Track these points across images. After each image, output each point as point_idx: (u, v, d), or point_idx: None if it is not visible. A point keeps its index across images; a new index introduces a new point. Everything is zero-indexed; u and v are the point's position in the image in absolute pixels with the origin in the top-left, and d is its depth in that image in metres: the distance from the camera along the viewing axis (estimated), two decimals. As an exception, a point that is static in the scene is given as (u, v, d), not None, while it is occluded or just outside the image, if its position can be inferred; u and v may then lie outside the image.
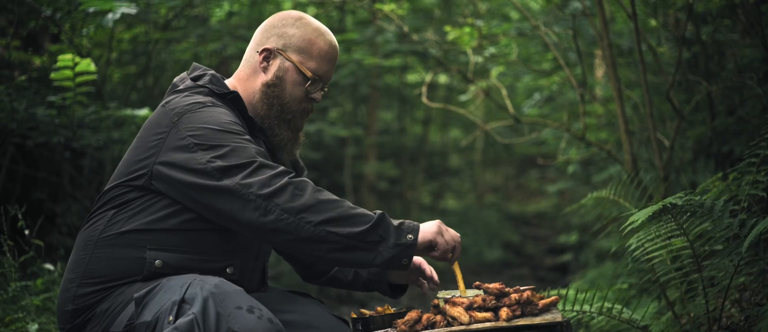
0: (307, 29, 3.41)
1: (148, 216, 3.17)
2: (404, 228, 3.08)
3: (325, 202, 3.02)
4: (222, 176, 3.03)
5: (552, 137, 10.84)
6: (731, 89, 5.77)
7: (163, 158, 3.14)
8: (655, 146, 5.50)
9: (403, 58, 12.59)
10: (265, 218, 2.99)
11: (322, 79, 3.43)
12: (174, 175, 3.11)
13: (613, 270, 7.56)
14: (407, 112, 16.86)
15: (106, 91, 7.51)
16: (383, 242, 3.04)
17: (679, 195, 3.63)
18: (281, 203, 2.98)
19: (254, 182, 3.00)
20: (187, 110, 3.20)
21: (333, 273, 3.70)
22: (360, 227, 3.02)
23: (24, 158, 6.69)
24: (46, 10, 6.36)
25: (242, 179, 3.01)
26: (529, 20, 7.44)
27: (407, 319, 3.08)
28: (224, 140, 3.09)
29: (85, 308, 3.17)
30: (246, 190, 3.00)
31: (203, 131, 3.12)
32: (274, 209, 2.98)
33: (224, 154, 3.06)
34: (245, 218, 3.02)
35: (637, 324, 4.24)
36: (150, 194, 3.18)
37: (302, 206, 2.99)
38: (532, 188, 21.18)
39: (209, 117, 3.17)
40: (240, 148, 3.08)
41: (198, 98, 3.27)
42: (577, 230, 12.04)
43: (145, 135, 3.24)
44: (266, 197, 2.99)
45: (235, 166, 3.04)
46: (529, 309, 3.05)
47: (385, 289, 3.66)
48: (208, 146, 3.09)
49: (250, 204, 3.00)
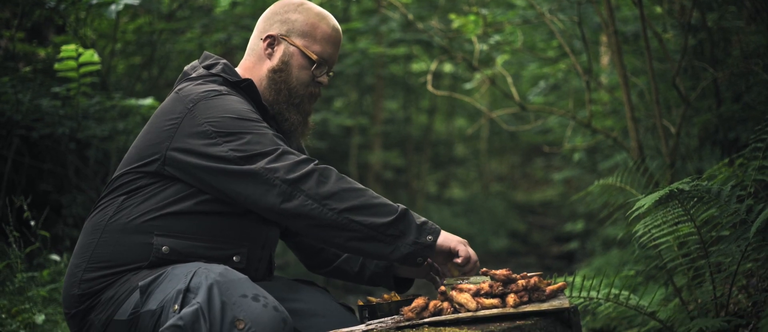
0: (309, 14, 3.42)
1: (157, 203, 3.18)
2: (426, 228, 3.11)
3: (350, 190, 3.05)
4: (245, 162, 3.05)
5: (558, 125, 10.83)
6: (737, 76, 5.75)
7: (178, 143, 3.15)
8: (661, 132, 5.48)
9: (408, 47, 12.57)
10: (289, 204, 3.02)
11: (328, 62, 3.44)
12: (191, 160, 3.12)
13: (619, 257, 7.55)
14: (412, 101, 16.84)
15: (110, 82, 7.51)
16: (403, 238, 3.07)
17: (686, 181, 3.62)
18: (306, 188, 3.01)
19: (280, 167, 3.03)
20: (203, 97, 3.20)
21: (338, 263, 3.69)
22: (383, 219, 3.05)
23: (29, 149, 6.69)
24: (50, 1, 6.35)
25: (268, 164, 3.03)
26: (534, 8, 7.42)
27: (414, 306, 3.07)
28: (244, 128, 3.11)
29: (91, 293, 3.17)
30: (272, 174, 3.02)
31: (221, 119, 3.13)
32: (298, 194, 3.01)
33: (247, 142, 3.08)
34: (268, 203, 3.04)
35: (644, 311, 4.23)
36: (161, 181, 3.18)
37: (327, 193, 3.02)
38: (538, 176, 21.18)
39: (226, 105, 3.18)
40: (261, 135, 3.11)
41: (212, 86, 3.27)
42: (583, 219, 12.04)
43: (158, 122, 3.24)
44: (292, 182, 3.01)
45: (259, 153, 3.06)
46: (536, 295, 3.05)
47: (391, 283, 3.66)
48: (228, 133, 3.10)
49: (274, 189, 3.02)
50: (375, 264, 3.62)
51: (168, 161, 3.16)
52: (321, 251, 3.70)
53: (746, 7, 5.77)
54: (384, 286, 3.69)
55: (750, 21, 5.93)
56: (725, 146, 6.05)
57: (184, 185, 3.17)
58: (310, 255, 3.74)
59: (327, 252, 3.69)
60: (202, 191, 3.17)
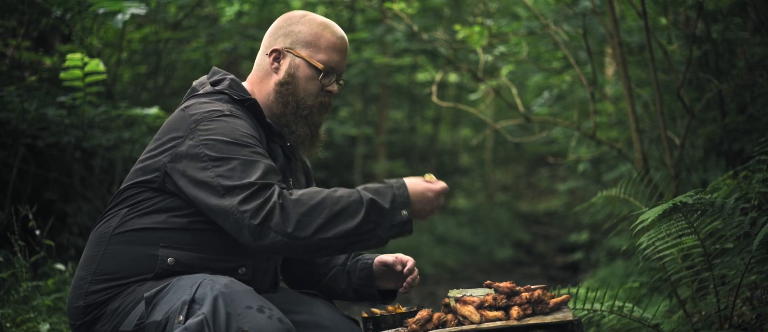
0: (312, 24, 3.41)
1: (162, 215, 3.18)
2: (396, 204, 3.08)
3: (310, 210, 3.00)
4: (225, 193, 3.04)
5: (562, 136, 10.83)
6: (742, 87, 5.76)
7: (176, 163, 3.15)
8: (666, 144, 5.49)
9: (413, 57, 12.59)
10: (262, 242, 3.00)
11: (335, 70, 3.42)
12: (183, 182, 3.13)
13: (624, 268, 7.55)
14: (417, 111, 16.86)
15: (116, 91, 7.52)
16: (379, 227, 3.05)
17: (689, 194, 3.62)
18: (273, 226, 2.97)
19: (249, 209, 2.99)
20: (205, 117, 3.20)
21: (326, 281, 3.67)
22: (352, 223, 3.01)
23: (35, 158, 6.71)
24: (56, 10, 6.37)
25: (240, 204, 3.00)
26: (538, 19, 7.43)
27: (418, 318, 3.08)
28: (234, 153, 3.09)
29: (96, 305, 3.18)
30: (241, 215, 3.00)
31: (215, 143, 3.12)
32: (267, 232, 2.98)
33: (231, 168, 3.06)
34: (244, 240, 3.03)
35: (648, 323, 4.23)
36: (164, 194, 3.19)
37: (293, 225, 2.98)
38: (542, 186, 21.16)
39: (224, 128, 3.16)
40: (249, 163, 3.08)
41: (217, 105, 3.26)
42: (587, 229, 12.02)
43: (162, 137, 3.25)
44: (259, 224, 2.98)
45: (237, 187, 3.03)
46: (540, 307, 3.05)
47: (376, 296, 3.65)
48: (218, 157, 3.09)
49: (244, 229, 3.00)
50: (357, 277, 3.61)
51: (167, 178, 3.18)
52: (308, 273, 3.69)
53: (751, 19, 5.78)
54: (369, 299, 3.68)
55: (755, 32, 5.94)
56: (730, 158, 6.06)
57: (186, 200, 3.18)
58: (295, 281, 3.73)
59: (314, 274, 3.69)
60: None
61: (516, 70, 10.68)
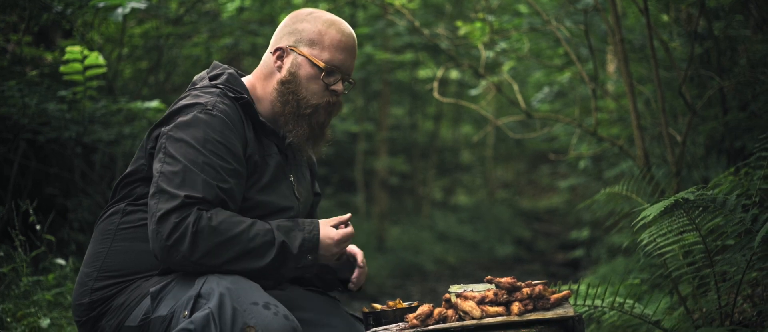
0: (317, 22, 3.37)
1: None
2: (304, 250, 3.15)
3: (225, 242, 3.04)
4: (155, 192, 3.07)
5: (564, 133, 10.82)
6: (743, 85, 5.75)
7: (153, 152, 3.20)
8: (667, 141, 5.48)
9: (414, 54, 12.58)
10: (169, 261, 3.05)
11: (339, 68, 3.36)
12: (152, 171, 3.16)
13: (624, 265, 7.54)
14: (418, 107, 16.86)
15: (117, 86, 7.51)
16: (283, 267, 3.13)
17: (691, 190, 3.62)
18: (182, 251, 3.01)
19: (165, 226, 3.02)
20: (181, 109, 3.21)
21: None
22: (260, 262, 3.09)
23: (35, 153, 6.70)
24: (57, 5, 6.36)
25: (161, 216, 3.02)
26: (540, 15, 7.42)
27: (419, 313, 3.07)
28: (187, 157, 3.10)
29: (102, 300, 3.19)
30: (158, 227, 3.03)
31: (177, 140, 3.13)
32: (175, 255, 3.03)
33: (174, 172, 3.08)
34: (154, 250, 3.07)
35: (649, 320, 4.23)
36: None
37: (201, 254, 3.02)
38: (543, 183, 21.17)
39: (195, 128, 3.15)
40: (192, 173, 3.07)
41: (203, 98, 3.23)
42: (588, 226, 12.02)
43: (152, 126, 3.27)
44: (170, 246, 3.02)
45: (166, 192, 3.05)
46: (540, 303, 3.05)
47: (337, 284, 3.62)
48: (171, 155, 3.11)
49: (156, 243, 3.04)
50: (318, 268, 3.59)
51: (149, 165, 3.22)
52: None
53: (753, 16, 5.78)
54: (333, 288, 3.66)
55: (756, 30, 5.94)
56: (731, 155, 6.05)
57: None
58: None
59: None
60: None
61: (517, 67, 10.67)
